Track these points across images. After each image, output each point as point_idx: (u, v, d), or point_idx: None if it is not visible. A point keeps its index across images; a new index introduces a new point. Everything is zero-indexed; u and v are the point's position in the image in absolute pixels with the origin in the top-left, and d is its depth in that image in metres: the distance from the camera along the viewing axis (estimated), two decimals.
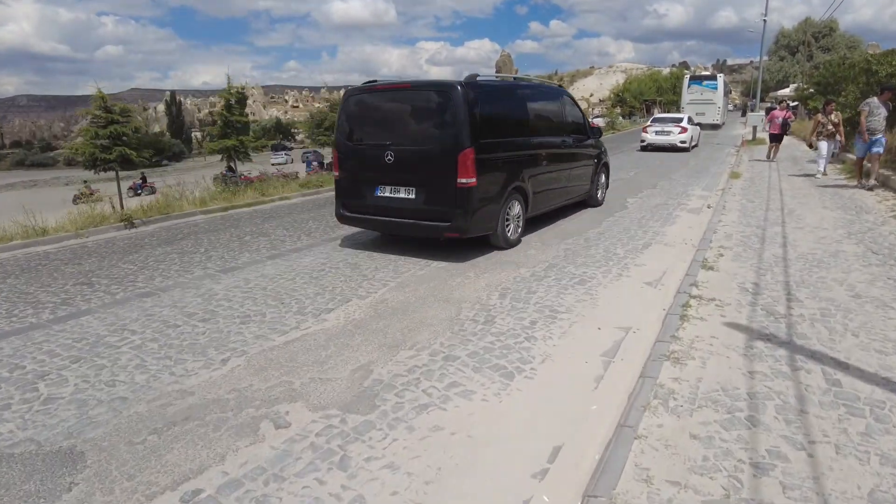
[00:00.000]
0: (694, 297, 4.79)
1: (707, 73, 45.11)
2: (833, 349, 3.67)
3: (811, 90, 29.46)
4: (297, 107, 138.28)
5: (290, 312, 4.66)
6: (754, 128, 24.77)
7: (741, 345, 3.79)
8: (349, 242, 7.21)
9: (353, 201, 6.65)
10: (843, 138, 12.28)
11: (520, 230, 6.91)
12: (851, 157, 12.84)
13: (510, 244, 6.67)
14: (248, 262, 6.33)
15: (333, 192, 7.13)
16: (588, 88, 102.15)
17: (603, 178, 9.88)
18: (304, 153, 50.08)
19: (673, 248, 6.68)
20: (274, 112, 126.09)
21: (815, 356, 3.58)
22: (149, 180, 35.21)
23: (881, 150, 10.21)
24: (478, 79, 6.25)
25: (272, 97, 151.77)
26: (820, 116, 12.61)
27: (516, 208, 6.76)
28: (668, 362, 3.53)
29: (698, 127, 23.91)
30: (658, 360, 3.56)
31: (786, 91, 42.81)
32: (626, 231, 7.63)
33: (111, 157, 18.11)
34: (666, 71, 66.05)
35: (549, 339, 4.05)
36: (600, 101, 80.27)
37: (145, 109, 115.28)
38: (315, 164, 39.41)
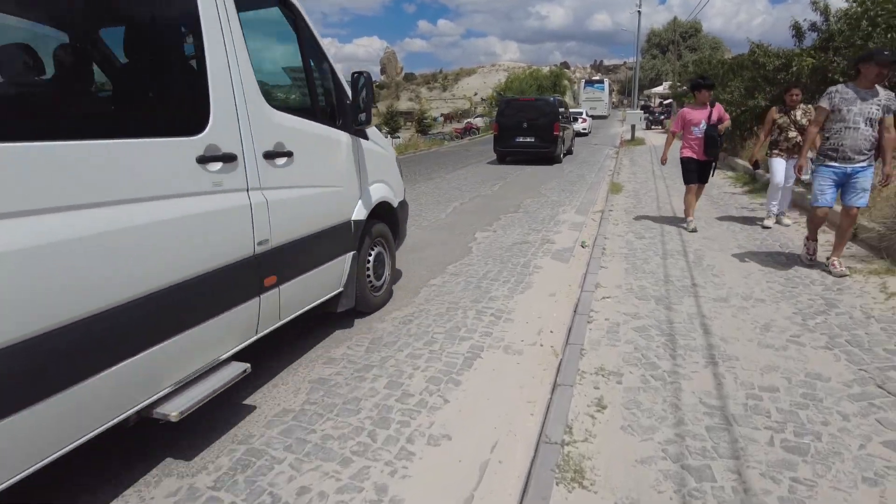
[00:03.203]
0: None
1: (596, 77, 62.66)
2: None
3: (685, 87, 28.75)
4: None
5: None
6: (633, 127, 23.22)
7: None
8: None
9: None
10: (804, 158, 5.31)
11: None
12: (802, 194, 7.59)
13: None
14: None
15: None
16: (472, 87, 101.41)
17: None
18: None
19: (518, 365, 3.56)
20: None
21: None
22: None
23: (865, 199, 4.68)
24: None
25: None
26: (775, 113, 6.77)
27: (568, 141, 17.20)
28: None
29: (591, 118, 32.22)
30: None
31: (659, 89, 43.19)
32: (447, 315, 4.44)
33: None
34: (546, 70, 65.95)
35: None
36: (483, 99, 79.23)
37: None
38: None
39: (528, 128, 15.09)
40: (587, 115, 30.28)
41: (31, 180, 1.73)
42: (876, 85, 4.58)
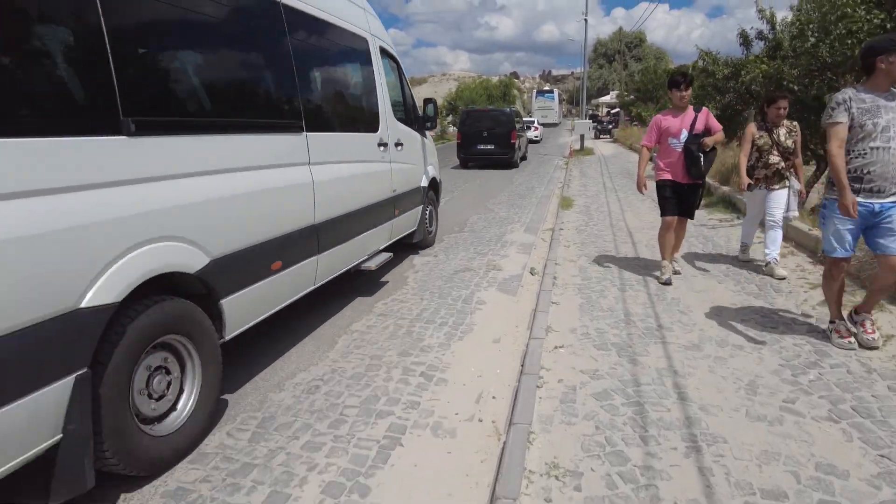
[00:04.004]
0: None
1: (546, 87, 62.11)
2: None
3: (632, 97, 28.92)
4: None
5: None
6: (581, 136, 22.96)
7: None
8: None
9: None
10: (802, 183, 5.33)
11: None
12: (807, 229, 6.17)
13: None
14: None
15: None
16: (423, 96, 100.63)
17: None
18: None
19: (448, 456, 2.74)
20: None
21: None
22: None
23: None
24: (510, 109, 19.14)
25: None
26: (753, 129, 5.32)
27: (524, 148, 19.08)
28: None
29: (542, 126, 34.96)
30: None
31: (607, 98, 43.63)
32: (365, 376, 3.59)
33: None
34: (496, 79, 66.13)
35: None
36: None
37: None
38: None
39: (488, 136, 16.34)
40: (538, 123, 32.64)
41: (332, 152, 4.15)
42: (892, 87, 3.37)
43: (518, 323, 4.41)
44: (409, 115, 6.19)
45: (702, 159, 4.87)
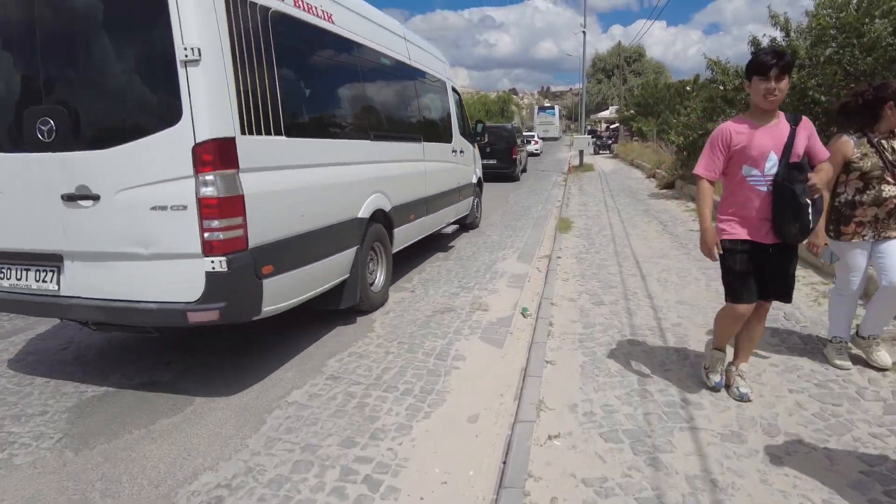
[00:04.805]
0: None
1: (547, 104, 68.50)
2: None
3: (632, 111, 28.17)
4: None
5: None
6: (581, 152, 22.13)
7: None
8: None
9: None
10: None
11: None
12: None
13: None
14: None
15: None
16: None
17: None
18: None
19: None
20: None
21: None
22: None
23: None
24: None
25: None
26: (847, 146, 3.29)
27: (524, 161, 20.54)
28: None
29: (543, 140, 38.21)
30: None
31: (606, 113, 42.98)
32: (287, 482, 2.66)
33: None
34: (494, 95, 65.80)
35: None
36: None
37: None
38: None
39: (491, 151, 16.66)
40: (539, 137, 35.57)
41: (432, 154, 6.79)
42: None
43: (503, 391, 3.47)
44: (466, 130, 8.68)
45: (809, 208, 2.79)
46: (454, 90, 8.37)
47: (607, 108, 47.85)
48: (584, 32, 23.49)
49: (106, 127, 3.23)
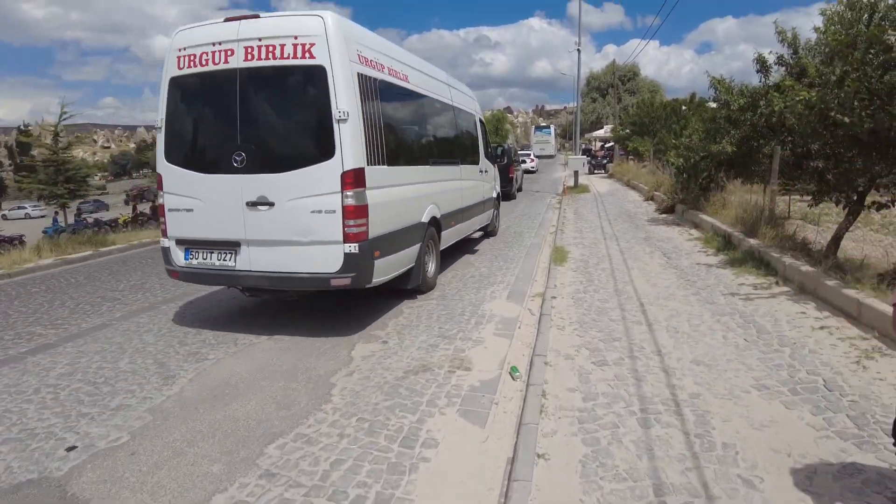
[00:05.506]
0: None
1: (543, 123, 71.14)
2: None
3: (627, 130, 27.65)
4: (109, 147, 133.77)
5: None
6: (576, 172, 21.51)
7: None
8: None
9: None
10: None
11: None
12: None
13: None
14: None
15: None
16: None
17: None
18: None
19: None
20: (80, 153, 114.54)
21: None
22: None
23: None
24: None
25: (77, 136, 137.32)
26: None
27: (520, 180, 21.49)
28: None
29: (539, 158, 40.11)
30: None
31: (600, 132, 42.53)
32: None
33: None
34: (488, 114, 65.75)
35: None
36: None
37: None
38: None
39: None
40: (535, 155, 37.99)
41: (465, 173, 8.45)
42: None
43: (482, 498, 2.69)
44: (488, 152, 10.13)
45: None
46: (480, 121, 10.01)
47: (602, 127, 47.41)
48: (578, 50, 22.96)
49: (281, 159, 4.92)
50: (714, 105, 11.44)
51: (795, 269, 6.08)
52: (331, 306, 6.15)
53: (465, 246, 9.37)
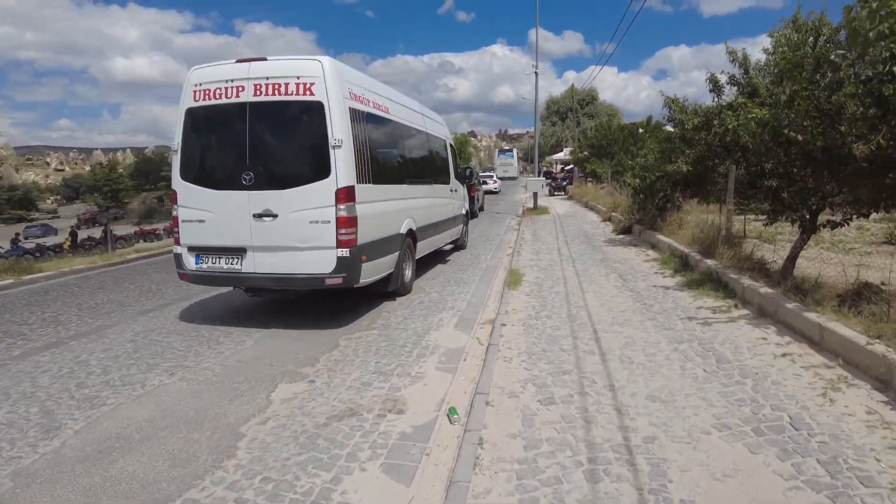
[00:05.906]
0: None
1: (506, 147, 74.15)
2: None
3: (586, 153, 27.87)
4: (63, 170, 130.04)
5: None
6: (535, 194, 21.39)
7: None
8: None
9: None
10: None
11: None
12: None
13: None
14: None
15: None
16: None
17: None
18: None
19: None
20: (31, 176, 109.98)
21: None
22: None
23: None
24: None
25: (28, 159, 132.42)
26: None
27: (481, 200, 21.79)
28: None
29: (501, 180, 40.58)
30: None
31: (560, 154, 42.99)
32: None
33: None
34: (453, 137, 66.55)
35: None
36: None
37: None
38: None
39: None
40: (497, 177, 37.99)
41: (437, 192, 9.38)
42: None
43: None
44: (458, 173, 11.02)
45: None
46: (451, 145, 11.03)
47: (562, 150, 48.04)
48: (536, 73, 23.08)
49: (284, 178, 5.76)
50: (670, 128, 11.38)
51: (754, 291, 5.82)
52: (264, 337, 5.59)
53: (438, 257, 10.26)
